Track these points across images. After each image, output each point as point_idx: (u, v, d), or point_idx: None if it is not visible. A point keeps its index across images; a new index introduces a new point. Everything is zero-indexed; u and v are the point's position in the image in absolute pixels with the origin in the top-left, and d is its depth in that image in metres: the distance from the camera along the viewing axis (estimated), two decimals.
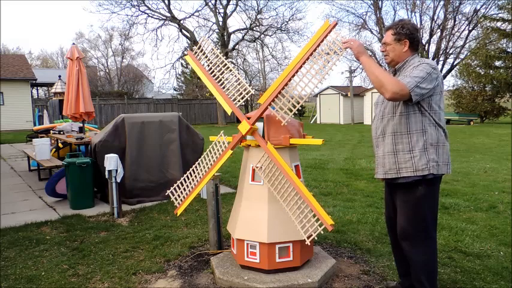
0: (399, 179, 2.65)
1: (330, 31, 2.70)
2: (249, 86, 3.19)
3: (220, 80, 3.30)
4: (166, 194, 3.57)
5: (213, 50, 3.39)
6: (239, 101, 3.20)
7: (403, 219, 2.69)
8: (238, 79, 3.23)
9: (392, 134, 2.63)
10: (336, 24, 2.72)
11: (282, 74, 2.91)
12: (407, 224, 2.67)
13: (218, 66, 3.32)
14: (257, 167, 3.08)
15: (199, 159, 3.39)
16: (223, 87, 3.27)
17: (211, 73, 3.33)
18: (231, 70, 3.29)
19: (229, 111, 3.30)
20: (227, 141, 3.26)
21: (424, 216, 2.63)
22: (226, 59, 3.44)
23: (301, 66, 2.82)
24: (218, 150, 3.28)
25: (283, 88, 2.91)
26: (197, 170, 3.38)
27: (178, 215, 3.47)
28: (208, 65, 3.39)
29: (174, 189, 3.46)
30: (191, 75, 41.82)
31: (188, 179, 3.41)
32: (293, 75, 2.86)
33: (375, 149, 2.82)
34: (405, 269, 2.89)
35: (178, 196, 3.44)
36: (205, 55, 3.42)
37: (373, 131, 2.81)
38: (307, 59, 2.79)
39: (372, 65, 2.55)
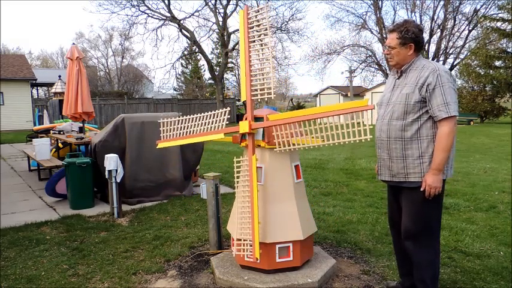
0: (405, 183, 2.66)
1: (364, 110, 2.65)
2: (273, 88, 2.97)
3: (255, 60, 3.06)
4: (159, 120, 3.53)
5: (266, 25, 3.01)
6: (257, 94, 3.04)
7: (408, 219, 2.70)
8: (269, 73, 3.01)
9: (401, 139, 2.62)
10: (373, 108, 2.67)
11: (301, 111, 2.90)
12: (412, 224, 2.67)
13: (260, 46, 3.08)
14: (237, 160, 3.10)
15: (196, 116, 3.29)
16: (252, 71, 3.05)
17: (251, 48, 3.06)
18: (270, 62, 3.03)
19: (243, 98, 3.12)
20: (225, 123, 3.18)
21: (429, 216, 2.65)
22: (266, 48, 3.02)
23: (319, 117, 2.80)
24: (215, 123, 3.20)
25: (292, 122, 2.91)
26: (191, 122, 3.30)
27: (157, 147, 3.52)
28: (253, 37, 3.08)
29: (167, 122, 3.45)
30: (191, 75, 41.89)
31: (181, 123, 3.36)
32: (309, 119, 2.85)
33: (378, 150, 2.81)
34: (407, 268, 2.89)
35: (166, 131, 3.45)
36: (257, 25, 3.05)
37: (377, 132, 2.79)
38: (330, 116, 2.77)
39: (444, 156, 2.51)
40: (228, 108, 3.26)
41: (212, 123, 3.22)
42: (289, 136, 2.98)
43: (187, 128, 3.34)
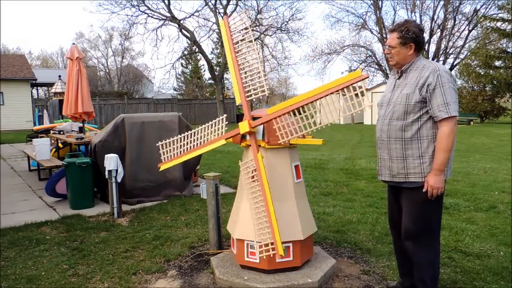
0: (405, 183, 2.66)
1: (358, 81, 2.66)
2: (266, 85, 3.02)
3: (244, 64, 3.13)
4: (157, 144, 3.52)
5: (248, 29, 3.16)
6: (251, 95, 3.08)
7: (408, 219, 2.70)
8: (260, 72, 3.06)
9: (402, 139, 2.62)
10: (367, 77, 2.68)
11: (298, 97, 2.90)
12: (412, 224, 2.68)
13: (247, 48, 3.14)
14: (242, 163, 3.09)
15: (196, 130, 3.31)
16: (243, 74, 3.12)
17: (237, 52, 3.15)
18: (258, 62, 3.09)
19: (238, 101, 3.16)
20: (225, 128, 3.20)
21: (429, 217, 2.65)
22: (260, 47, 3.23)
23: (318, 99, 2.80)
24: (215, 131, 3.22)
25: (292, 110, 2.90)
26: (190, 138, 3.32)
27: (160, 169, 3.49)
28: (238, 42, 3.18)
29: (165, 144, 3.43)
30: (191, 75, 41.87)
31: (180, 141, 3.37)
32: (307, 103, 2.84)
33: (378, 151, 2.81)
34: (407, 268, 2.90)
35: (167, 152, 3.44)
36: (239, 30, 3.18)
37: (378, 133, 2.80)
38: (327, 95, 2.77)
39: (446, 156, 2.51)
40: (225, 115, 3.28)
41: (212, 133, 3.24)
42: (291, 125, 2.98)
43: (188, 144, 3.34)
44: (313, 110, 2.91)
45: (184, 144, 3.35)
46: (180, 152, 3.37)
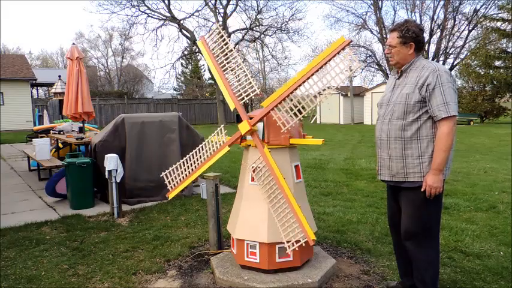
0: (405, 183, 2.66)
1: (344, 48, 2.69)
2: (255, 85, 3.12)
3: (228, 72, 3.25)
4: (161, 175, 3.53)
5: (225, 40, 3.31)
6: (243, 98, 3.15)
7: (407, 219, 2.70)
8: (247, 75, 3.16)
9: (401, 138, 2.62)
10: (351, 42, 2.71)
11: (290, 81, 2.92)
12: (412, 224, 2.68)
13: (228, 58, 3.26)
14: (252, 167, 3.09)
15: (197, 148, 3.35)
16: (230, 81, 3.23)
17: (220, 63, 3.28)
18: (240, 65, 3.22)
19: (232, 107, 3.21)
20: (225, 137, 3.25)
21: (428, 217, 2.65)
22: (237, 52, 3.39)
23: (311, 75, 2.81)
24: (216, 144, 3.26)
25: (288, 95, 2.91)
26: (193, 158, 3.35)
27: (169, 198, 3.49)
28: (218, 55, 3.32)
29: (169, 172, 3.45)
30: (191, 75, 41.87)
31: (184, 165, 3.39)
32: (300, 84, 2.85)
33: (378, 150, 2.81)
34: (407, 269, 2.90)
35: (173, 180, 3.45)
36: (217, 43, 3.35)
37: (377, 132, 2.80)
38: (317, 70, 2.78)
39: (445, 156, 2.50)
40: (223, 125, 3.33)
41: (214, 145, 3.26)
42: (290, 111, 2.97)
43: (193, 165, 3.34)
44: (309, 91, 2.93)
45: (189, 165, 3.36)
46: (187, 173, 3.38)
